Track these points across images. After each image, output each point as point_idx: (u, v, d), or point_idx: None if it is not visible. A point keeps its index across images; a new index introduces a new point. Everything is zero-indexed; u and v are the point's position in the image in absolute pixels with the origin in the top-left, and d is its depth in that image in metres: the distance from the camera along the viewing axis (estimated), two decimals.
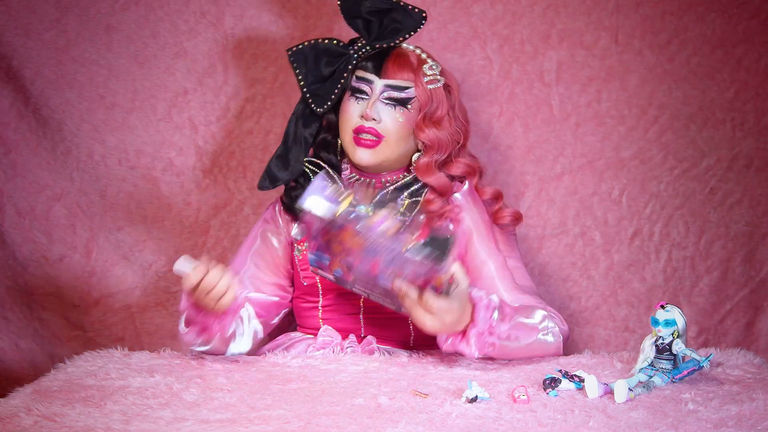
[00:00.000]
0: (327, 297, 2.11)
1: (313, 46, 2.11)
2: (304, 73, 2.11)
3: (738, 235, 2.46)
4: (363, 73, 2.09)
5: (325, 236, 1.85)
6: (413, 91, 2.07)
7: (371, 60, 2.09)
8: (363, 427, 1.53)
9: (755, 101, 2.45)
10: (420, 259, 1.78)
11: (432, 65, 2.10)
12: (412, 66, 2.08)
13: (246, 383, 1.80)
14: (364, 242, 1.81)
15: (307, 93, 2.11)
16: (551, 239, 2.48)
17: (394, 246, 1.79)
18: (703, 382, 1.78)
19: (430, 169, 2.09)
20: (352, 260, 1.85)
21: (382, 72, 2.07)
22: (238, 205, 2.53)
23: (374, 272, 1.84)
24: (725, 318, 2.47)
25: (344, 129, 2.10)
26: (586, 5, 2.46)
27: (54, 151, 2.50)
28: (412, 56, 2.10)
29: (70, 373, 1.87)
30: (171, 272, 2.51)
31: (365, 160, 2.08)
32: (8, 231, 2.51)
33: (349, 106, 2.09)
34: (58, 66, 2.47)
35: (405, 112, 2.07)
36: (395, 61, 2.08)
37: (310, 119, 2.13)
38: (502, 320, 1.90)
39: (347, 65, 2.10)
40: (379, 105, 2.07)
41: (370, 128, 2.06)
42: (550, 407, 1.62)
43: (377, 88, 2.07)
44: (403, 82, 2.07)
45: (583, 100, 2.47)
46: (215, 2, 2.48)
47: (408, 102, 2.07)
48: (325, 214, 1.82)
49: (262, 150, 2.51)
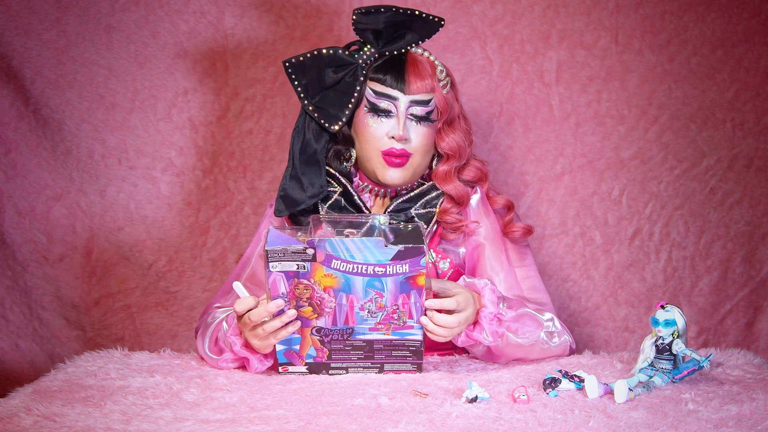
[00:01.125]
0: None
1: (315, 57, 2.00)
2: (304, 85, 2.02)
3: (738, 235, 2.47)
4: (383, 88, 2.00)
5: (293, 296, 1.76)
6: (434, 101, 2.02)
7: (387, 72, 2.00)
8: (363, 427, 1.53)
9: (755, 101, 2.45)
10: (398, 263, 1.73)
11: (441, 67, 2.04)
12: (429, 73, 2.01)
13: (246, 383, 1.80)
14: (336, 278, 1.74)
15: (311, 108, 2.02)
16: (551, 239, 2.48)
17: (368, 263, 1.73)
18: (703, 382, 1.78)
19: (449, 176, 2.05)
20: (326, 319, 1.77)
21: (405, 86, 1.99)
22: (238, 205, 2.53)
23: (351, 321, 1.77)
24: (725, 318, 2.47)
25: (369, 148, 2.01)
26: (586, 5, 2.46)
27: (54, 151, 2.50)
28: (425, 62, 2.03)
29: (70, 373, 1.87)
30: (171, 272, 2.52)
31: (396, 180, 2.02)
32: (8, 231, 2.51)
33: (372, 124, 2.00)
34: (58, 66, 2.47)
35: (429, 125, 2.02)
36: (415, 72, 2.00)
37: (320, 134, 2.04)
38: (510, 308, 1.89)
39: (356, 76, 2.00)
40: (406, 123, 2.00)
41: (401, 150, 1.99)
42: (550, 407, 1.62)
43: (402, 105, 1.99)
44: (426, 95, 2.00)
45: (583, 100, 2.47)
46: (215, 2, 2.48)
47: (431, 114, 2.02)
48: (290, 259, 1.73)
49: (262, 150, 2.51)
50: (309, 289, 1.75)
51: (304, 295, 1.76)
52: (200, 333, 1.98)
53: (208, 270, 2.53)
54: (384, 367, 1.83)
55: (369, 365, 1.83)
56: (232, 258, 2.51)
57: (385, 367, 1.83)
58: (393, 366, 1.83)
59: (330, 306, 1.77)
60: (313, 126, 2.04)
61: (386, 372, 1.84)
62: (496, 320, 1.87)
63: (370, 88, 2.01)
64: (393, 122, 2.00)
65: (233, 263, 2.49)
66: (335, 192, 2.05)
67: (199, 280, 2.53)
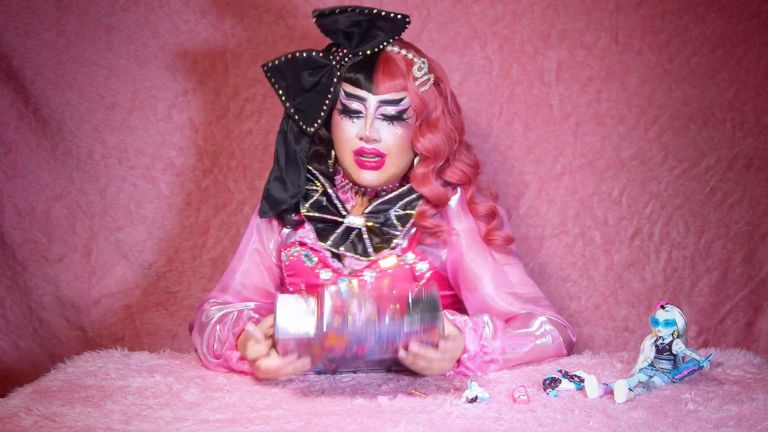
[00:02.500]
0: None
1: (290, 60, 2.00)
2: (285, 88, 2.02)
3: (738, 235, 2.47)
4: (353, 89, 1.98)
5: (303, 350, 1.73)
6: (407, 101, 1.98)
7: (358, 71, 1.98)
8: (363, 427, 1.53)
9: (755, 101, 2.45)
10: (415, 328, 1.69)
11: (419, 64, 1.99)
12: (402, 72, 1.98)
13: (246, 383, 1.80)
14: (348, 338, 1.69)
15: (292, 110, 2.03)
16: (551, 239, 2.48)
17: (382, 328, 1.69)
18: (703, 382, 1.78)
19: (426, 178, 2.02)
20: (335, 354, 1.73)
21: (374, 86, 1.97)
22: (238, 205, 2.53)
23: (361, 354, 1.73)
24: (725, 318, 2.47)
25: (342, 149, 2.01)
26: (586, 5, 2.46)
27: (54, 151, 2.50)
28: (400, 60, 1.99)
29: (70, 373, 1.87)
30: (171, 272, 2.52)
31: (372, 181, 2.01)
32: (8, 231, 2.51)
33: (344, 126, 2.00)
34: (58, 66, 2.47)
35: (403, 125, 1.99)
36: (385, 70, 1.98)
37: (300, 135, 2.05)
38: (494, 337, 1.87)
39: (331, 77, 1.99)
40: (376, 123, 1.98)
41: (372, 149, 1.98)
42: (550, 407, 1.62)
43: (371, 105, 1.97)
44: (396, 94, 1.97)
45: (583, 100, 2.47)
46: (215, 2, 2.48)
47: (404, 113, 1.99)
48: (301, 334, 1.70)
49: (262, 150, 2.51)
50: (319, 347, 1.72)
51: (315, 349, 1.73)
52: (196, 330, 1.99)
53: (208, 270, 2.53)
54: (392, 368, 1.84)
55: (377, 368, 1.84)
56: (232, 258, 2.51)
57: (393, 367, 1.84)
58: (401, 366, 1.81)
59: (341, 350, 1.73)
60: (293, 128, 2.05)
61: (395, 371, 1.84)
62: (482, 354, 1.84)
63: (343, 89, 2.00)
64: (362, 123, 1.99)
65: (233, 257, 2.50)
66: (316, 191, 2.05)
67: (199, 280, 2.53)
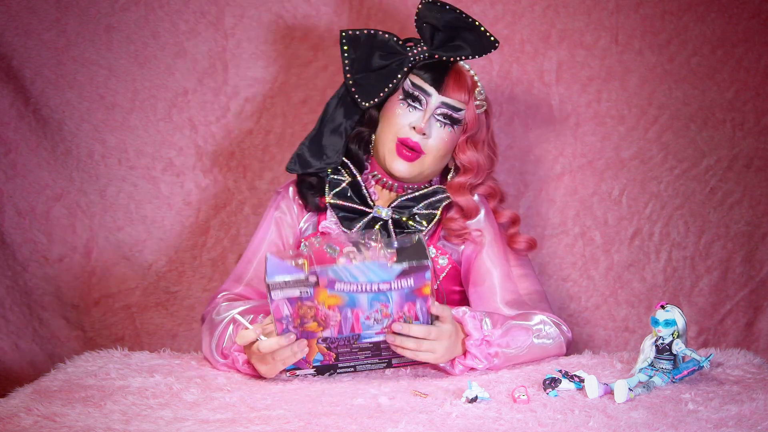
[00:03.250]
0: None
1: (371, 36, 2.05)
2: (352, 59, 2.06)
3: (738, 235, 2.47)
4: (421, 82, 2.04)
5: (297, 316, 1.75)
6: (464, 113, 2.05)
7: (429, 71, 2.05)
8: (363, 427, 1.53)
9: (755, 101, 2.45)
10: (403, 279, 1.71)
11: (481, 90, 2.08)
12: (468, 87, 2.05)
13: (246, 383, 1.80)
14: (340, 297, 1.72)
15: (351, 81, 2.06)
16: (551, 239, 2.48)
17: (372, 283, 1.71)
18: (703, 382, 1.78)
19: (462, 189, 2.07)
20: (331, 330, 1.76)
21: (442, 88, 2.03)
22: (238, 205, 2.53)
23: (357, 329, 1.76)
24: (725, 318, 2.47)
25: (388, 132, 2.05)
26: (586, 5, 2.46)
27: (54, 151, 2.50)
28: (468, 77, 2.07)
29: (70, 373, 1.87)
30: (171, 272, 2.52)
31: (402, 172, 2.04)
32: (8, 231, 2.51)
33: (400, 110, 2.05)
34: (58, 66, 2.47)
35: (451, 133, 2.05)
36: (455, 79, 2.04)
37: (352, 110, 2.09)
38: (495, 326, 1.89)
39: (402, 65, 2.05)
40: (431, 120, 2.03)
41: (415, 143, 2.02)
42: (550, 407, 1.62)
43: (433, 102, 2.03)
44: (459, 102, 2.04)
45: (583, 100, 2.47)
46: (215, 2, 2.48)
47: (458, 123, 2.05)
48: (293, 287, 1.72)
49: (262, 150, 2.51)
50: (313, 309, 1.74)
51: (309, 314, 1.75)
52: (205, 327, 1.98)
53: (208, 270, 2.53)
54: (392, 362, 1.83)
55: (377, 362, 1.83)
56: (232, 258, 2.51)
57: (393, 361, 1.83)
58: (401, 360, 1.82)
59: (335, 320, 1.75)
60: (347, 100, 2.09)
61: (395, 366, 1.83)
62: (485, 344, 1.87)
63: (410, 80, 2.05)
64: (419, 114, 2.03)
65: (233, 263, 2.49)
66: (344, 181, 2.08)
67: (199, 280, 2.53)
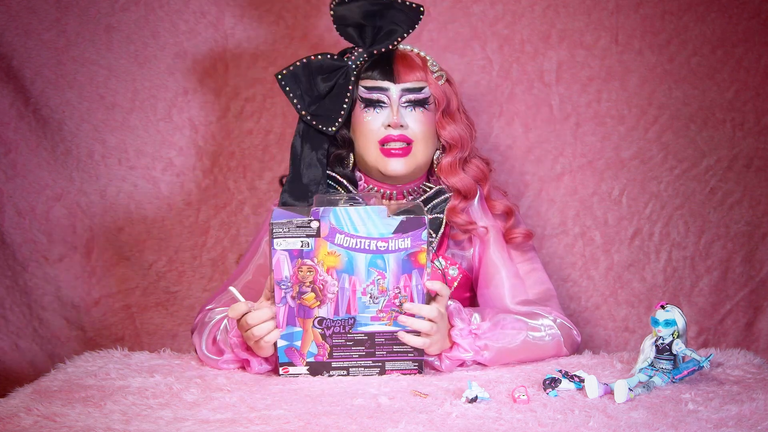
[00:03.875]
0: None
1: (305, 65, 2.03)
2: (299, 95, 2.03)
3: (738, 235, 2.47)
4: (373, 82, 2.02)
5: (296, 281, 1.76)
6: (428, 90, 2.03)
7: (376, 67, 2.03)
8: (363, 427, 1.53)
9: (755, 101, 2.45)
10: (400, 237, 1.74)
11: (433, 62, 2.07)
12: (420, 65, 2.04)
13: (246, 383, 1.80)
14: (339, 256, 1.75)
15: (308, 117, 2.04)
16: (551, 239, 2.48)
17: (371, 238, 1.75)
18: (703, 382, 1.78)
19: (454, 168, 2.05)
20: (328, 307, 1.77)
21: (395, 76, 2.02)
22: (238, 205, 2.53)
23: (354, 309, 1.78)
24: (725, 318, 2.47)
25: (367, 142, 2.03)
26: (586, 5, 2.46)
27: (54, 151, 2.50)
28: (414, 56, 2.06)
29: (70, 373, 1.87)
30: (171, 272, 2.52)
31: (400, 170, 2.02)
32: (8, 231, 2.51)
33: (368, 118, 2.02)
34: (58, 66, 2.47)
35: (425, 112, 2.03)
36: (403, 62, 2.04)
37: (318, 139, 2.05)
38: (483, 319, 1.89)
39: (348, 77, 2.03)
40: (401, 110, 2.02)
41: (399, 135, 2.00)
42: (550, 407, 1.62)
43: (395, 93, 2.01)
44: (417, 83, 2.02)
45: (583, 100, 2.47)
46: (215, 2, 2.48)
47: (426, 102, 2.03)
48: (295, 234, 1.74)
49: (262, 150, 2.51)
50: (312, 271, 1.76)
51: (308, 279, 1.76)
52: (197, 332, 1.98)
53: (208, 270, 2.53)
54: (385, 366, 1.83)
55: (370, 364, 1.83)
56: (232, 258, 2.51)
57: (386, 366, 1.83)
58: (394, 365, 1.83)
59: (333, 291, 1.77)
60: (311, 132, 2.05)
61: (388, 372, 1.83)
62: (472, 336, 1.86)
63: (362, 86, 2.03)
64: (387, 112, 2.02)
65: (233, 263, 2.49)
66: (340, 198, 2.02)
67: (199, 280, 2.53)
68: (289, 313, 1.79)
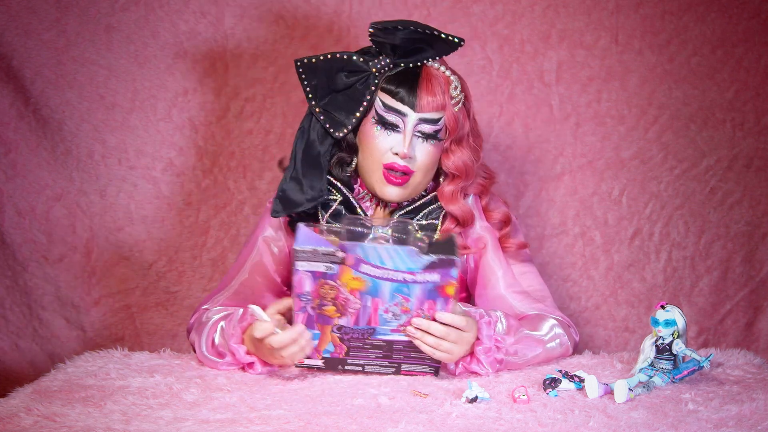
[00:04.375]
0: None
1: (328, 60, 1.97)
2: (314, 86, 1.98)
3: (738, 235, 2.47)
4: (395, 103, 1.95)
5: (317, 296, 1.74)
6: (443, 120, 1.97)
7: (400, 84, 1.95)
8: (363, 427, 1.53)
9: (755, 101, 2.45)
10: (429, 273, 1.71)
11: (455, 83, 1.99)
12: (442, 90, 1.96)
13: (246, 383, 1.80)
14: (364, 282, 1.72)
15: (320, 115, 1.98)
16: (551, 239, 2.48)
17: (398, 270, 1.71)
18: (703, 382, 1.78)
19: (455, 197, 2.01)
20: (348, 319, 1.75)
21: (416, 104, 1.94)
22: (238, 205, 2.53)
23: (374, 322, 1.75)
24: (725, 318, 2.47)
25: (372, 161, 1.98)
26: (586, 5, 2.46)
27: (54, 151, 2.50)
28: (440, 77, 1.97)
29: (70, 373, 1.87)
30: (171, 272, 2.52)
31: (394, 197, 1.99)
32: (8, 231, 2.51)
33: (378, 137, 1.96)
34: (58, 66, 2.47)
35: (435, 143, 1.98)
36: (428, 89, 1.95)
37: (324, 137, 2.00)
38: (508, 333, 1.86)
39: (368, 84, 1.96)
40: (413, 140, 1.95)
41: (403, 167, 1.96)
42: (550, 407, 1.62)
43: (410, 122, 1.95)
44: (436, 113, 1.96)
45: (583, 100, 2.47)
46: (215, 2, 2.48)
47: (438, 133, 1.97)
48: (319, 260, 1.71)
49: (262, 150, 2.51)
50: (334, 290, 1.74)
51: (329, 296, 1.74)
52: (195, 332, 1.97)
53: (208, 270, 2.53)
54: (401, 367, 1.82)
55: (386, 365, 1.81)
56: (232, 258, 2.51)
57: (402, 367, 1.81)
58: (410, 367, 1.81)
59: (354, 307, 1.75)
60: (318, 128, 2.00)
61: (403, 373, 1.82)
62: (495, 349, 1.84)
63: (381, 99, 1.97)
64: (399, 138, 1.96)
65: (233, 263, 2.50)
66: (335, 201, 2.02)
67: (199, 280, 2.53)
68: (308, 320, 1.77)
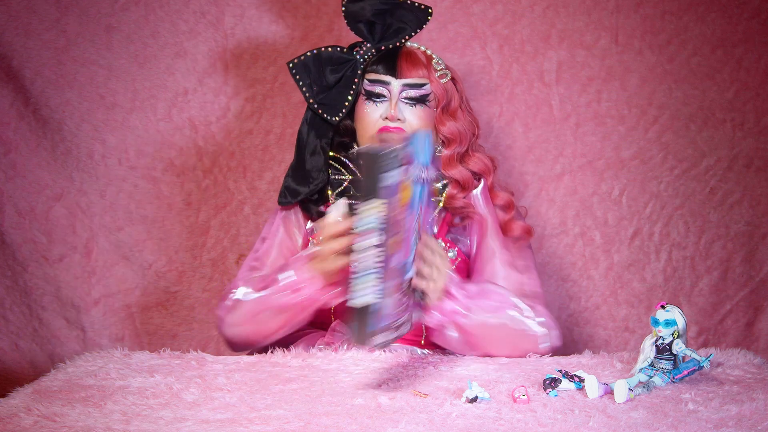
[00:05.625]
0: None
1: (315, 56, 2.10)
2: (308, 84, 2.10)
3: (738, 235, 2.47)
4: (376, 76, 2.08)
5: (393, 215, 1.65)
6: (429, 87, 2.08)
7: (381, 62, 2.10)
8: (363, 427, 1.53)
9: (755, 101, 2.45)
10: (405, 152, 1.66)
11: (438, 60, 2.12)
12: (423, 63, 2.10)
13: (246, 383, 1.80)
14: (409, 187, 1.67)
15: (315, 105, 2.10)
16: (551, 239, 2.48)
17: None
18: (703, 382, 1.78)
19: (452, 162, 2.10)
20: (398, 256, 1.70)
21: (397, 72, 2.08)
22: (238, 205, 2.53)
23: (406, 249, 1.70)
24: (725, 318, 2.47)
25: (366, 132, 2.09)
26: (586, 5, 2.46)
27: (54, 151, 2.50)
28: (420, 54, 2.12)
29: (70, 373, 1.87)
30: (171, 272, 2.52)
31: None
32: (8, 231, 2.51)
33: (368, 110, 2.09)
34: (58, 66, 2.47)
35: (425, 109, 2.08)
36: (407, 59, 2.09)
37: (323, 128, 2.13)
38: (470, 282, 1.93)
39: (355, 70, 2.10)
40: (400, 105, 2.07)
41: (396, 128, 2.06)
42: (550, 407, 1.62)
43: (395, 88, 2.07)
44: (419, 79, 2.08)
45: (583, 100, 2.47)
46: (215, 2, 2.48)
47: (426, 98, 2.08)
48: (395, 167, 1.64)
49: (262, 150, 2.51)
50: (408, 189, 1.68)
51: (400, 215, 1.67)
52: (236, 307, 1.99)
53: (208, 270, 2.53)
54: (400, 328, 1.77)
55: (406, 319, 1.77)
56: (232, 258, 2.51)
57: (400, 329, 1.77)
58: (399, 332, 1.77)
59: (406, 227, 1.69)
60: (317, 121, 2.12)
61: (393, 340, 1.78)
62: (461, 288, 1.89)
63: (366, 78, 2.09)
64: (386, 105, 2.08)
65: (233, 263, 2.50)
66: (345, 179, 2.12)
67: (199, 280, 2.53)
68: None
